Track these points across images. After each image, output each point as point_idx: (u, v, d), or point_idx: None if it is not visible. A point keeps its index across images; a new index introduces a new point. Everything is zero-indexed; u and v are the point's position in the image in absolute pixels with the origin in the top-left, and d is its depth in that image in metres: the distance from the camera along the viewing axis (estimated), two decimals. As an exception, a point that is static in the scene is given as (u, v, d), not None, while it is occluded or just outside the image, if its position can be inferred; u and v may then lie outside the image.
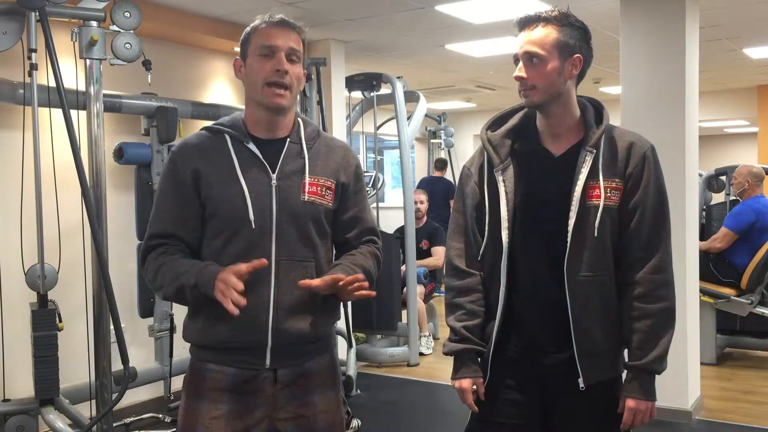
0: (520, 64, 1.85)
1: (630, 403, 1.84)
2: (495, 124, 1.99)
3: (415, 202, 6.07)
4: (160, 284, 1.82)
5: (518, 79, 1.85)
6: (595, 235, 1.82)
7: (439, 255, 6.37)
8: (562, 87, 1.85)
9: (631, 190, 1.86)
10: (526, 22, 1.85)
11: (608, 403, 1.88)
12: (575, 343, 1.83)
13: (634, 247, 1.86)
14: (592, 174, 1.83)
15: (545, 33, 1.82)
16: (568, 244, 1.82)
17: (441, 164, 9.22)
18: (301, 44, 1.83)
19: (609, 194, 1.83)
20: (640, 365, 1.84)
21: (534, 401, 1.90)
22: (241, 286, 1.67)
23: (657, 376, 1.88)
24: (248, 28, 1.84)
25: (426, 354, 6.00)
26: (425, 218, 6.36)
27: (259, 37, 1.81)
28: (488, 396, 1.94)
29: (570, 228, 1.82)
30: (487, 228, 1.92)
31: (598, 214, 1.82)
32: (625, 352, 1.91)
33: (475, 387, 1.94)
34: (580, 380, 1.83)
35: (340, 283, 1.76)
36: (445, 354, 1.98)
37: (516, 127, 1.96)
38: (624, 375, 1.91)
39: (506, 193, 1.88)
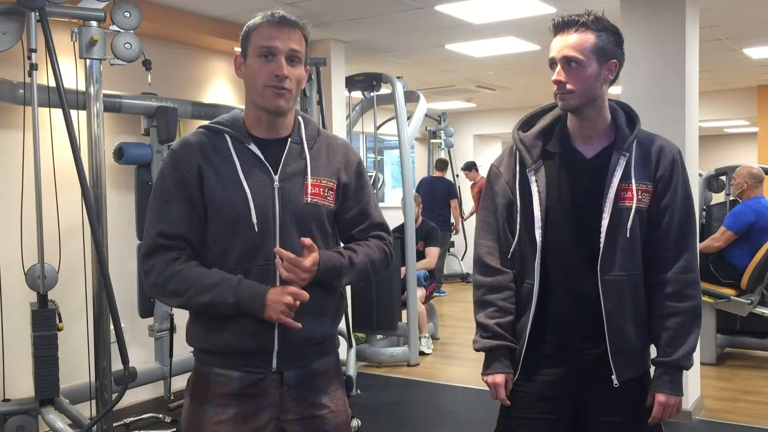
0: (558, 67, 1.87)
1: (660, 397, 1.90)
2: (526, 125, 2.03)
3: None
4: (174, 291, 1.75)
5: (556, 82, 1.87)
6: (627, 236, 1.88)
7: (431, 256, 6.36)
8: (598, 91, 1.89)
9: (660, 193, 1.92)
10: (564, 26, 1.87)
11: (639, 397, 1.94)
12: (608, 341, 1.88)
13: (662, 247, 1.92)
14: (625, 176, 1.89)
15: (584, 38, 1.85)
16: (602, 245, 1.87)
17: (442, 164, 9.23)
18: (303, 43, 1.80)
19: (640, 196, 1.89)
20: (670, 361, 1.90)
21: (566, 397, 1.94)
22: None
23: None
24: (248, 25, 1.80)
25: (427, 353, 6.00)
26: (420, 219, 6.36)
27: (259, 37, 1.76)
28: (520, 392, 1.98)
29: (603, 229, 1.87)
30: (518, 227, 1.96)
31: (630, 216, 1.88)
32: (652, 348, 1.97)
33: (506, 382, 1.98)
34: (614, 377, 1.88)
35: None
36: (477, 350, 2.01)
37: (547, 127, 2.00)
38: (652, 370, 1.97)
39: (539, 192, 1.92)
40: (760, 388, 4.97)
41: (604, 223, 1.87)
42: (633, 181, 1.89)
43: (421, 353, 5.90)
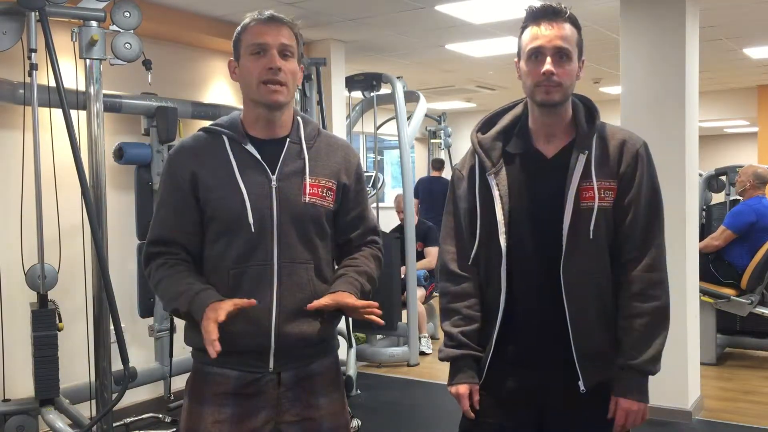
0: (548, 59, 1.77)
1: (624, 403, 1.81)
2: (486, 126, 1.96)
3: (399, 212, 6.08)
4: (161, 297, 1.83)
5: (547, 73, 1.76)
6: (590, 237, 1.80)
7: (432, 255, 6.35)
8: (573, 88, 1.84)
9: (624, 190, 1.83)
10: (553, 15, 1.79)
11: (607, 402, 1.86)
12: (574, 346, 1.80)
13: (627, 246, 1.84)
14: (585, 175, 1.81)
15: (572, 31, 1.80)
16: (564, 247, 1.79)
17: (438, 164, 9.24)
18: (293, 38, 1.80)
19: (603, 195, 1.81)
20: (634, 365, 1.81)
21: (529, 403, 1.88)
22: (215, 335, 1.63)
23: (651, 378, 1.86)
24: (239, 28, 1.82)
25: (427, 353, 6.01)
26: (417, 218, 6.35)
27: (249, 36, 1.78)
28: (484, 399, 1.92)
29: (565, 231, 1.79)
30: (479, 232, 1.89)
31: (593, 216, 1.80)
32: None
33: (471, 392, 1.92)
34: (581, 383, 1.81)
35: (351, 306, 1.76)
36: (442, 360, 1.96)
37: (506, 128, 1.92)
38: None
39: (500, 197, 1.85)
40: (760, 388, 4.97)
41: (565, 225, 1.79)
42: (594, 179, 1.80)
43: (422, 353, 5.91)
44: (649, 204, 1.85)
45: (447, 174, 9.34)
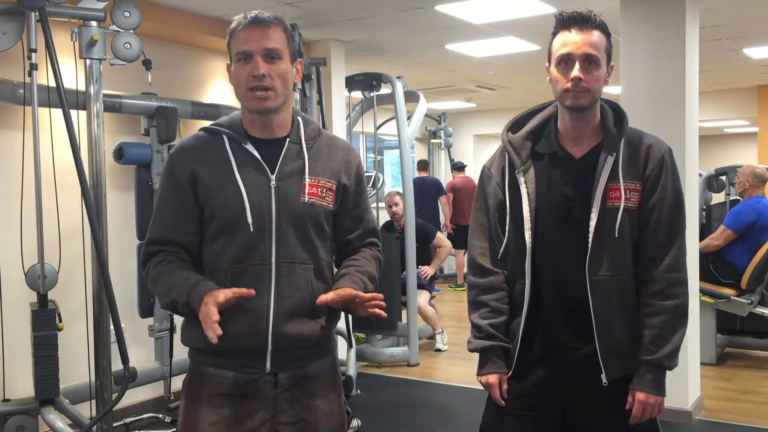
0: (577, 64, 1.83)
1: (640, 396, 1.88)
2: (516, 126, 2.03)
3: (390, 206, 6.06)
4: (158, 293, 1.83)
5: (575, 79, 1.83)
6: (616, 236, 1.87)
7: (443, 241, 6.37)
8: (601, 93, 1.90)
9: (648, 192, 1.91)
10: (582, 22, 1.85)
11: (627, 395, 1.92)
12: (598, 340, 1.88)
13: (650, 247, 1.92)
14: (613, 176, 1.88)
15: (600, 37, 1.86)
16: (590, 245, 1.86)
17: (423, 165, 9.43)
18: (281, 38, 1.77)
19: (629, 196, 1.89)
20: (653, 360, 1.89)
21: (555, 396, 1.94)
22: (216, 317, 1.63)
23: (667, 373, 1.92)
24: (227, 32, 1.81)
25: (443, 350, 6.11)
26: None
27: (235, 42, 1.77)
28: (510, 390, 1.99)
29: (591, 229, 1.87)
30: (508, 228, 1.97)
31: (618, 216, 1.87)
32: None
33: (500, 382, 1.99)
34: (603, 376, 1.88)
35: (357, 299, 1.76)
36: (471, 351, 2.03)
37: (536, 128, 2.00)
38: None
39: (528, 194, 1.92)
40: (760, 388, 4.97)
41: (592, 223, 1.86)
42: (621, 180, 1.88)
43: (438, 350, 6.07)
44: (672, 207, 1.92)
45: (434, 173, 9.43)
